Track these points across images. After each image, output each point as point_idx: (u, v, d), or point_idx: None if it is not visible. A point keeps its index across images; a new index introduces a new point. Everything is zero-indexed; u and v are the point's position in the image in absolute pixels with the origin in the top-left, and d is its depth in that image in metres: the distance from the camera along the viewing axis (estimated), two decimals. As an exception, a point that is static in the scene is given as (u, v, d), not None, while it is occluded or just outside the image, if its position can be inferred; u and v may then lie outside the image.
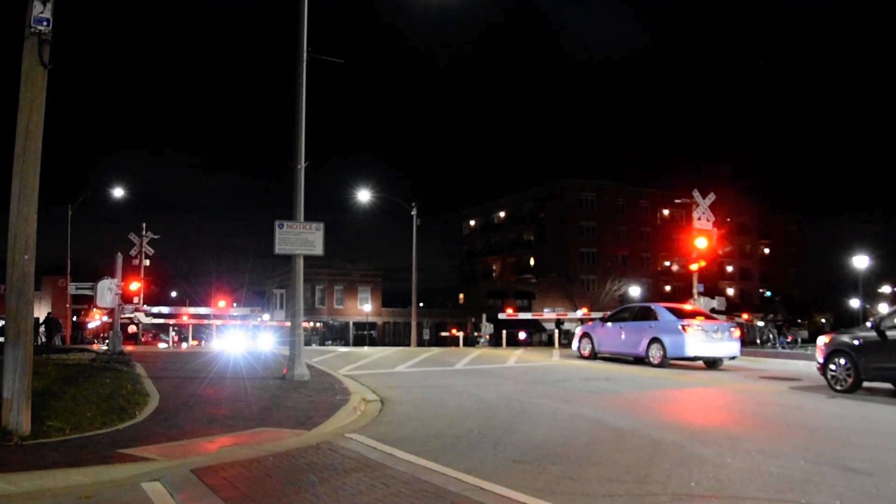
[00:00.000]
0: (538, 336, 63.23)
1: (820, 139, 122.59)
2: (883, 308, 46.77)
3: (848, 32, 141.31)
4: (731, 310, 38.54)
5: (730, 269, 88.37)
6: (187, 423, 8.21)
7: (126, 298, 23.06)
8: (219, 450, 6.84)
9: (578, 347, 21.32)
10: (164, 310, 25.81)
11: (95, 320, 49.47)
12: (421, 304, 58.75)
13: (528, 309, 65.69)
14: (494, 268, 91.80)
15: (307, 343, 19.58)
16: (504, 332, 29.31)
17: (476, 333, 30.40)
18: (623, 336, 19.33)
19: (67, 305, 43.66)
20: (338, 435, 7.86)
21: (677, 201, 35.41)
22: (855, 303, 58.08)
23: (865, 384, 12.24)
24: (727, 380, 14.94)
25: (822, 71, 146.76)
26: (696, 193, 26.43)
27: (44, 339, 34.11)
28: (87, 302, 42.03)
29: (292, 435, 7.71)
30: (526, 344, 30.35)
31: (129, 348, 20.64)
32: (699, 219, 26.22)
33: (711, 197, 26.47)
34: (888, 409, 10.54)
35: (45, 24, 7.36)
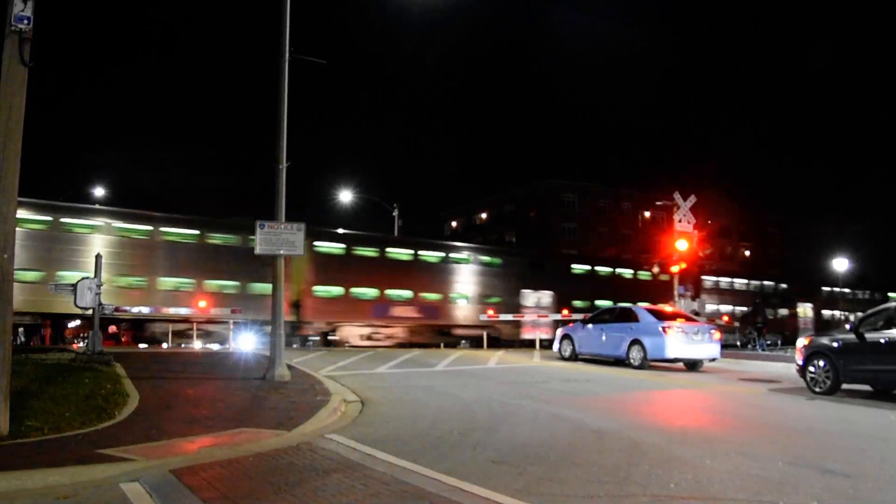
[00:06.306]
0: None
1: (802, 140, 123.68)
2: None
3: (834, 33, 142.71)
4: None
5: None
6: (167, 424, 8.16)
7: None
8: (198, 450, 6.80)
9: (559, 349, 21.36)
10: (145, 310, 25.58)
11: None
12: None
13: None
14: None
15: (288, 344, 19.52)
16: (484, 333, 29.35)
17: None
18: (603, 338, 19.41)
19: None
20: (318, 436, 7.84)
21: (658, 203, 35.55)
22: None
23: (844, 386, 12.37)
24: (707, 381, 15.04)
25: (804, 72, 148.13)
26: (677, 195, 26.58)
27: (22, 339, 33.74)
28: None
29: (272, 435, 7.68)
30: (507, 345, 30.30)
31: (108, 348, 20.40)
32: (680, 221, 26.40)
33: (692, 199, 26.62)
34: (867, 411, 10.66)
35: (25, 22, 7.28)
